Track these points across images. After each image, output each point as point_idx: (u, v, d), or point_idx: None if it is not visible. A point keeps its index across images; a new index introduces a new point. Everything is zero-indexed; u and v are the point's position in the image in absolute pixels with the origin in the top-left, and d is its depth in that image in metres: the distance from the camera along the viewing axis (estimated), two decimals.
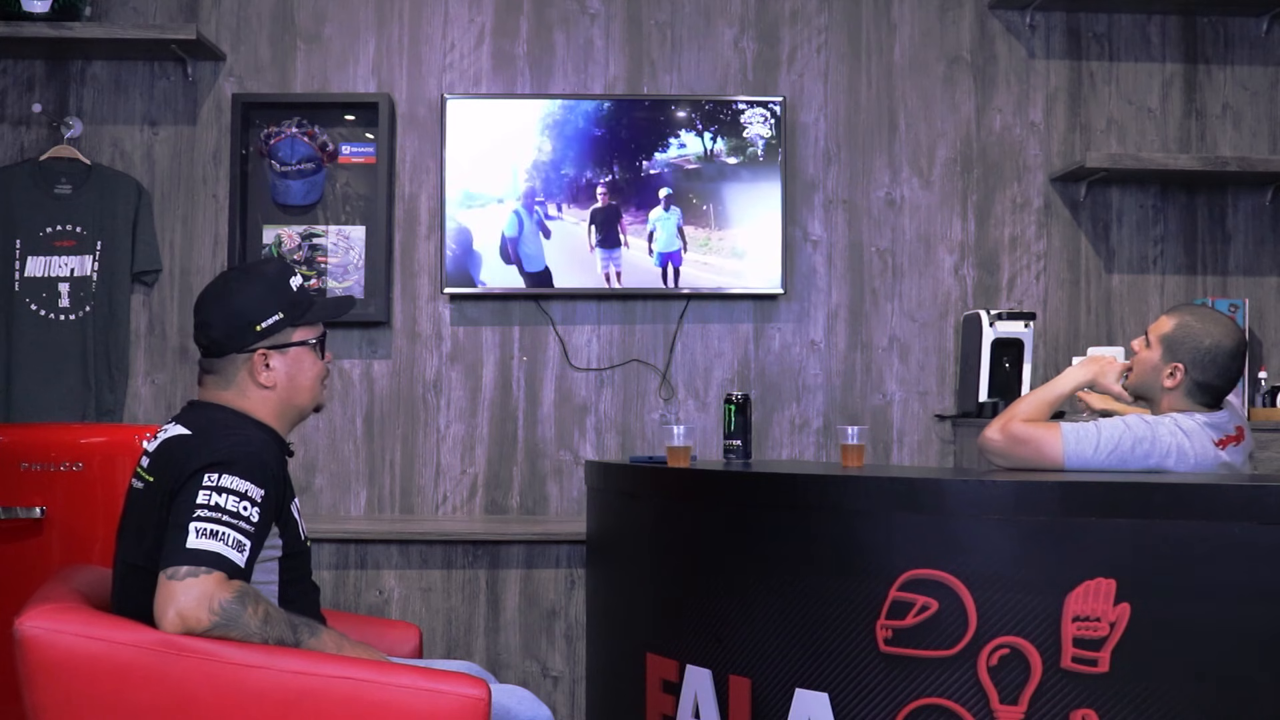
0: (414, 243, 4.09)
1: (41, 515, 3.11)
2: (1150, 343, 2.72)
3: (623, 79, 4.11)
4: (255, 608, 2.01)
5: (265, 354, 2.25)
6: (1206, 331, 2.65)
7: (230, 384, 2.26)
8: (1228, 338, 2.65)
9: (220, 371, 2.26)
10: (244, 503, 2.05)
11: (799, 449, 4.10)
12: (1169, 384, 2.67)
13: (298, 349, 2.29)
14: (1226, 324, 2.68)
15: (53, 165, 3.96)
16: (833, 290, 4.13)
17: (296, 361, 2.29)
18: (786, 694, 2.38)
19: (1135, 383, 2.77)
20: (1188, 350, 2.65)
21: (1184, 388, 2.66)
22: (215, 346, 2.24)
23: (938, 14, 4.15)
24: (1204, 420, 2.61)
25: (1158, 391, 2.70)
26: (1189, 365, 2.64)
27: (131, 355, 4.03)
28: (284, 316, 2.26)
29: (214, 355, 2.25)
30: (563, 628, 3.77)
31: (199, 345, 2.28)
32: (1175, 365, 2.66)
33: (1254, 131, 4.20)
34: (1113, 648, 2.12)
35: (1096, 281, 4.17)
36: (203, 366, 2.28)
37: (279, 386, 2.26)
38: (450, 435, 4.06)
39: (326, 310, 2.38)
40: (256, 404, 2.26)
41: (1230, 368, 2.65)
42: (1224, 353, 2.64)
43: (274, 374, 2.26)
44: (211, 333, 2.24)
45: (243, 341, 2.24)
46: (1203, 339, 2.64)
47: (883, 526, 2.32)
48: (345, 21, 4.10)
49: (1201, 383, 2.65)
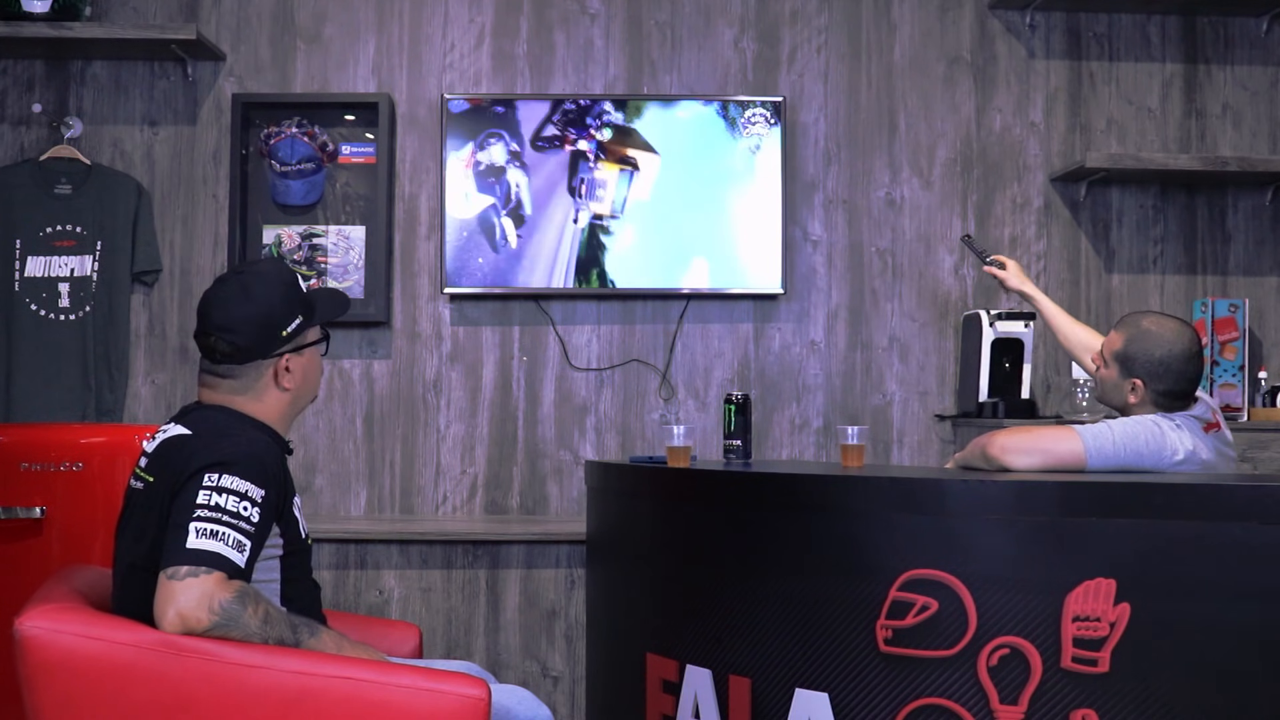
0: (414, 243, 4.09)
1: (41, 515, 3.11)
2: (1106, 360, 2.73)
3: (623, 79, 4.11)
4: (255, 608, 2.01)
5: (288, 357, 2.25)
6: (1156, 341, 2.64)
7: (248, 389, 2.24)
8: (1178, 342, 2.64)
9: (241, 377, 2.23)
10: (244, 503, 2.05)
11: (799, 449, 4.10)
12: (1133, 399, 2.69)
13: (311, 349, 2.31)
14: (1176, 327, 2.66)
15: (53, 165, 3.96)
16: (833, 290, 4.13)
17: (311, 361, 2.31)
18: (786, 694, 2.38)
19: (1102, 398, 2.79)
20: (1141, 364, 2.65)
21: (1149, 399, 2.67)
22: (241, 354, 2.21)
23: (938, 14, 4.15)
24: (1189, 415, 2.65)
25: (1125, 407, 2.72)
26: (1146, 379, 2.65)
27: (131, 355, 4.03)
28: (303, 320, 2.27)
29: (235, 362, 2.22)
30: (563, 628, 3.77)
31: (217, 352, 2.22)
32: (1133, 381, 2.67)
33: (1254, 131, 4.20)
34: (1113, 648, 2.12)
35: (1096, 281, 4.17)
36: (218, 372, 2.24)
37: (295, 387, 2.27)
38: (450, 435, 4.06)
39: (331, 309, 2.38)
40: (270, 406, 2.25)
41: (1187, 371, 2.64)
42: (1178, 358, 2.63)
43: (293, 376, 2.26)
44: (238, 340, 2.20)
45: (269, 348, 2.23)
46: (1154, 350, 2.63)
47: (883, 526, 2.32)
48: (345, 21, 4.10)
49: (1163, 391, 2.65)
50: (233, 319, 2.21)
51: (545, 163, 3.98)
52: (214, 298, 2.24)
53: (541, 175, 3.99)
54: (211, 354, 2.24)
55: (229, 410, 2.23)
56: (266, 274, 2.29)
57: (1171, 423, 2.60)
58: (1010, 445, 2.54)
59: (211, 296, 2.25)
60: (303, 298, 2.29)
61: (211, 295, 2.25)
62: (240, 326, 2.21)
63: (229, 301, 2.22)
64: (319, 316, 2.32)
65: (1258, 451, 3.63)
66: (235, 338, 2.20)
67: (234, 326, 2.21)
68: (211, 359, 2.24)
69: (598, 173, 3.98)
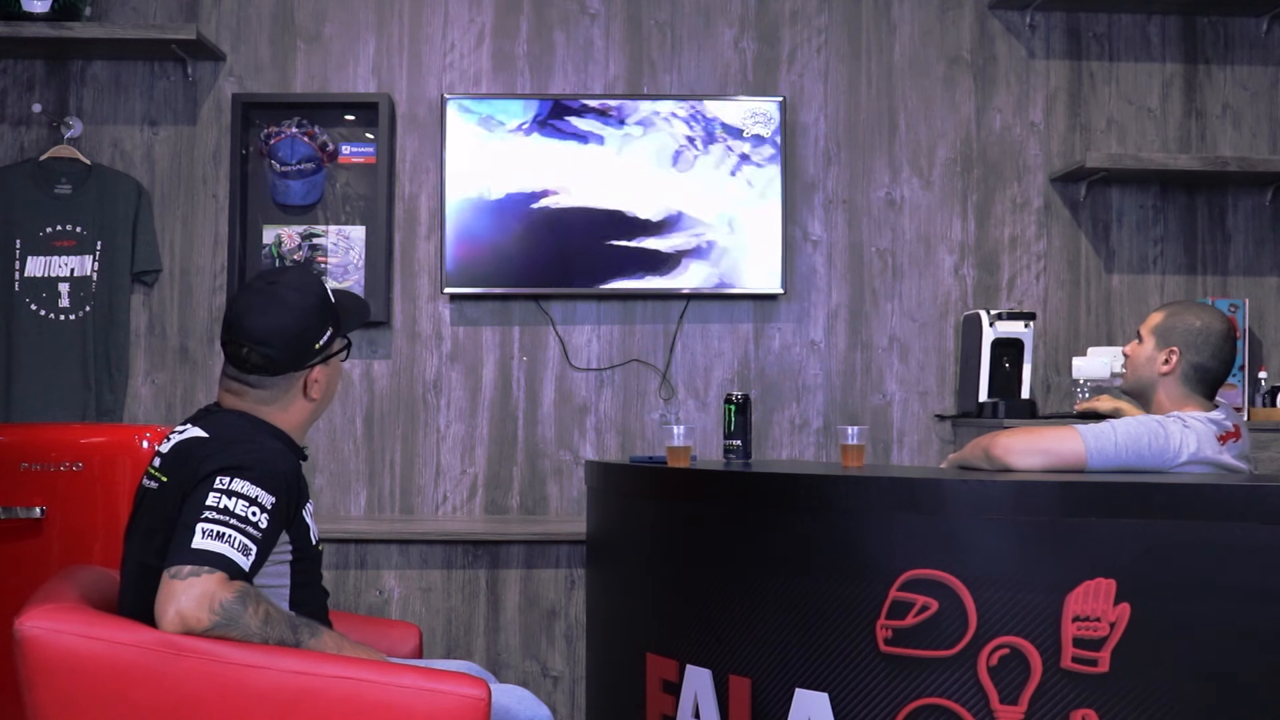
0: (414, 243, 4.09)
1: (41, 515, 3.11)
2: (1142, 338, 2.78)
3: (623, 79, 4.11)
4: (256, 608, 2.01)
5: (317, 369, 2.25)
6: (1197, 315, 2.73)
7: (276, 400, 2.23)
8: (1218, 321, 2.72)
9: (270, 388, 2.22)
10: (253, 508, 2.04)
11: (799, 449, 4.10)
12: (1165, 369, 2.70)
13: (336, 357, 2.31)
14: (1216, 312, 2.76)
15: (53, 165, 3.96)
16: (833, 290, 4.13)
17: (335, 369, 2.31)
18: (786, 694, 2.38)
19: (1131, 381, 2.79)
20: (1180, 334, 2.70)
21: (1180, 372, 2.69)
22: (273, 366, 2.20)
23: (938, 14, 4.15)
24: (1206, 417, 2.63)
25: (1154, 383, 2.73)
26: (1183, 347, 2.70)
27: (131, 355, 4.03)
28: (333, 331, 2.27)
29: (267, 374, 2.20)
30: (563, 628, 3.77)
31: (249, 363, 2.19)
32: (1170, 349, 2.71)
33: (1254, 131, 4.20)
34: (1113, 648, 2.12)
35: (1096, 281, 4.17)
36: (247, 381, 2.22)
37: (321, 398, 2.28)
38: (450, 435, 4.06)
39: (357, 317, 2.38)
40: (294, 415, 2.26)
41: (1223, 349, 2.70)
42: (1216, 334, 2.70)
43: (320, 386, 2.27)
44: (273, 354, 2.18)
45: (301, 361, 2.23)
46: (1194, 321, 2.71)
47: (883, 526, 2.32)
48: (345, 21, 4.10)
49: (1197, 364, 2.69)
50: (268, 332, 2.18)
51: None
52: (247, 308, 2.20)
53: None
54: (243, 364, 2.21)
55: (248, 416, 2.22)
56: (302, 286, 2.25)
57: (1180, 423, 2.59)
58: (1013, 445, 2.54)
59: (245, 306, 2.21)
60: (333, 309, 2.28)
61: (245, 305, 2.21)
62: (275, 340, 2.19)
63: (264, 314, 2.19)
64: (346, 326, 2.32)
65: (1258, 451, 3.63)
66: (270, 351, 2.19)
67: (269, 340, 2.18)
68: (242, 369, 2.22)
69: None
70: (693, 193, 4.00)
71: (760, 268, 4.00)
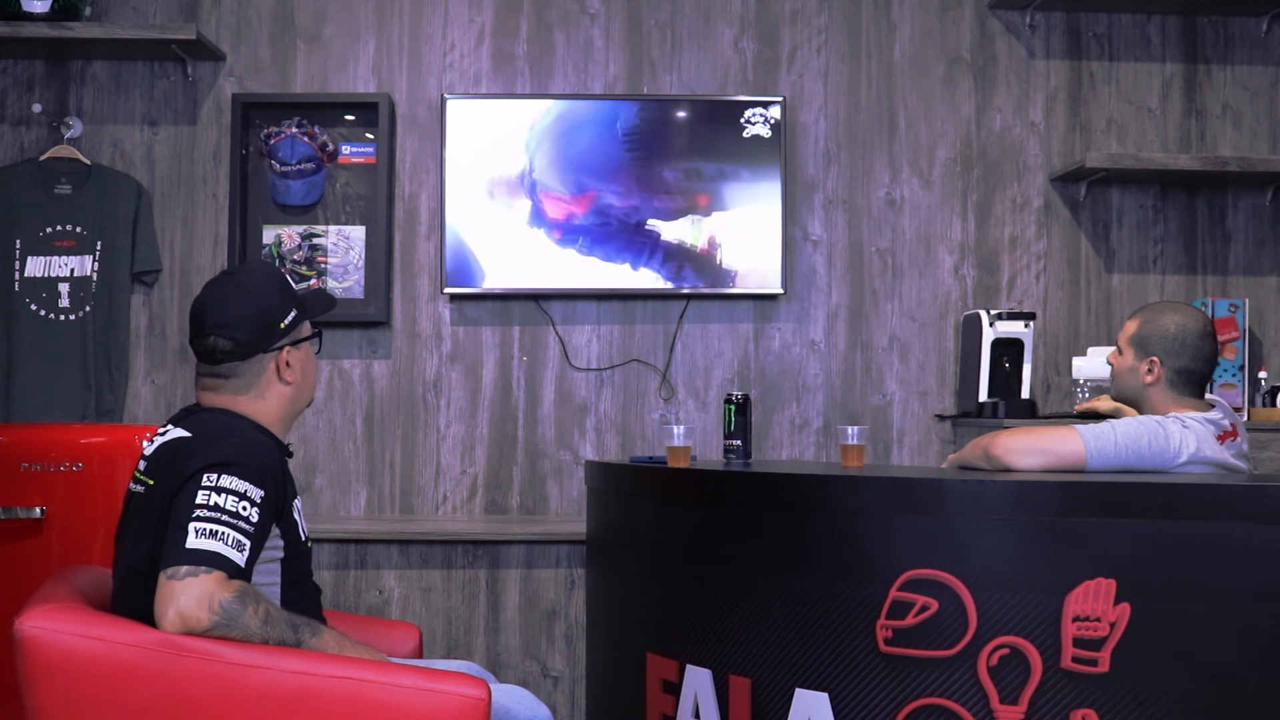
0: (414, 243, 4.09)
1: (41, 515, 3.11)
2: (1121, 349, 2.78)
3: (623, 79, 4.11)
4: (255, 607, 2.01)
5: (287, 351, 2.27)
6: (1170, 319, 2.71)
7: (251, 386, 2.25)
8: (1192, 320, 2.71)
9: (243, 374, 2.25)
10: (243, 503, 2.05)
11: (799, 449, 4.10)
12: (1149, 379, 2.71)
13: (307, 344, 2.34)
14: (1188, 309, 2.75)
15: (53, 165, 3.96)
16: (833, 290, 4.13)
17: (308, 356, 2.35)
18: (786, 694, 2.38)
19: (1119, 391, 2.81)
20: (1157, 341, 2.70)
21: (1165, 380, 2.70)
22: (241, 349, 2.22)
23: (938, 14, 4.15)
24: (1204, 417, 2.63)
25: (1141, 392, 2.73)
26: (1163, 355, 2.69)
27: (131, 355, 4.03)
28: (298, 313, 2.30)
29: (237, 359, 2.23)
30: (563, 628, 3.77)
31: (216, 351, 2.23)
32: (1150, 359, 2.70)
33: (1254, 131, 4.20)
34: (1113, 648, 2.12)
35: (1096, 281, 4.17)
36: (219, 373, 2.25)
37: (296, 383, 2.30)
38: (450, 435, 4.06)
39: (321, 305, 2.42)
40: (271, 404, 2.27)
41: (1203, 347, 2.69)
42: (1194, 334, 2.69)
43: (294, 370, 2.29)
44: (238, 336, 2.22)
45: (269, 341, 2.25)
46: (1168, 326, 2.70)
47: (883, 526, 2.32)
48: (345, 21, 4.10)
49: (1180, 368, 2.69)
50: (231, 316, 2.22)
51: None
52: (209, 299, 2.26)
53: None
54: (211, 355, 2.24)
55: (228, 412, 2.23)
56: (258, 271, 2.36)
57: (1179, 423, 2.59)
58: (1013, 445, 2.54)
59: (206, 299, 2.26)
60: (296, 294, 2.33)
61: (206, 298, 2.26)
62: (239, 322, 2.22)
63: (225, 301, 2.24)
64: (312, 310, 2.36)
65: (1258, 451, 3.63)
66: (236, 333, 2.22)
67: (233, 323, 2.22)
68: (211, 360, 2.25)
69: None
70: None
71: (760, 268, 4.00)
